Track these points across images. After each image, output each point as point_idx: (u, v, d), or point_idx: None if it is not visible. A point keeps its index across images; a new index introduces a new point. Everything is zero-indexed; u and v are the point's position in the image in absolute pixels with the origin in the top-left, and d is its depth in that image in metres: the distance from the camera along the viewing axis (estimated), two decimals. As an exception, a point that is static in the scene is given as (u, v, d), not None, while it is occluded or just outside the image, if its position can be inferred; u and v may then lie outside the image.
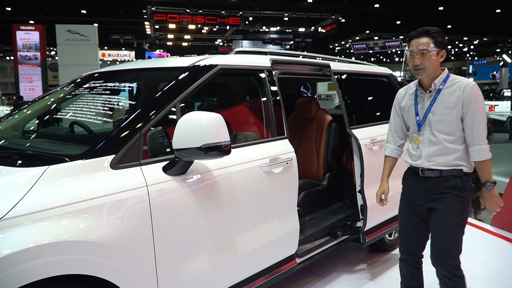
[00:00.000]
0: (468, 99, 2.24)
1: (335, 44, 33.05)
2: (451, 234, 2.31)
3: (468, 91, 2.24)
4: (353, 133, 3.17)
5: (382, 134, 3.32)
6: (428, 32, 2.29)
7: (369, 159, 3.18)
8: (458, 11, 27.78)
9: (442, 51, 2.30)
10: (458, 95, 2.26)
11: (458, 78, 2.34)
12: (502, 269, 3.58)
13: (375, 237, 3.36)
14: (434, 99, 2.33)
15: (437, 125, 2.31)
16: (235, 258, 2.31)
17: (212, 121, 1.91)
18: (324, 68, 3.23)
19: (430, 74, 2.31)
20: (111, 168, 1.82)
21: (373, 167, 3.21)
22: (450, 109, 2.27)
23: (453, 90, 2.28)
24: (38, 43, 11.80)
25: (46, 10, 25.74)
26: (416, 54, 2.27)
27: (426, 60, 2.26)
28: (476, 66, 34.30)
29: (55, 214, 1.59)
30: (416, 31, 2.33)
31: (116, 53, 31.55)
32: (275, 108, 2.71)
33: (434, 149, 2.33)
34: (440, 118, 2.30)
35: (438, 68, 2.32)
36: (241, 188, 2.33)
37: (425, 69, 2.28)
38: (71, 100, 2.75)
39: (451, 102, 2.28)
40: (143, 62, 3.04)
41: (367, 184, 3.17)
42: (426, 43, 2.26)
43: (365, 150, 3.15)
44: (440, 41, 2.29)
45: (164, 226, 1.92)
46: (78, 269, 1.62)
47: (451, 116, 2.27)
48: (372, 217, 3.27)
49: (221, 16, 21.06)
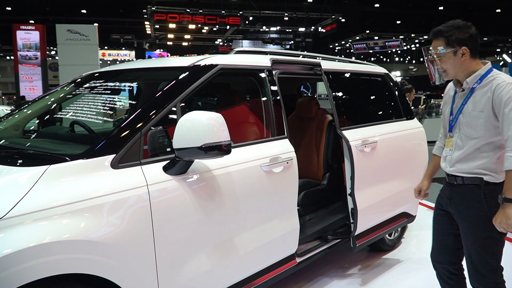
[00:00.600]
0: (499, 99, 1.98)
1: (335, 44, 33.04)
2: (477, 253, 2.11)
3: (499, 91, 1.99)
4: (344, 134, 3.07)
5: (374, 135, 3.29)
6: (439, 32, 2.10)
7: (360, 161, 3.07)
8: (459, 11, 27.73)
9: (461, 48, 2.06)
10: (489, 96, 2.02)
11: (496, 75, 2.06)
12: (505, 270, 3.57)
13: (366, 241, 3.23)
14: (466, 98, 2.12)
15: (464, 128, 2.12)
16: (235, 258, 2.31)
17: (212, 120, 1.91)
18: (315, 67, 3.17)
19: (456, 75, 2.13)
20: (112, 167, 1.83)
21: (364, 170, 3.13)
22: (479, 111, 2.05)
23: (486, 90, 2.04)
24: (38, 43, 11.80)
25: (46, 10, 25.74)
26: (434, 59, 2.12)
27: (444, 63, 2.09)
28: (476, 66, 34.23)
29: (56, 214, 1.59)
30: (432, 31, 2.15)
31: (116, 53, 31.55)
32: (275, 108, 2.71)
33: (458, 154, 2.15)
34: (467, 120, 2.10)
35: (467, 66, 2.09)
36: (241, 187, 2.33)
37: (447, 71, 2.11)
38: (71, 100, 2.76)
39: (481, 104, 2.05)
40: (143, 62, 3.05)
41: (358, 187, 3.07)
42: (439, 45, 2.10)
43: (356, 152, 3.05)
44: (456, 38, 2.05)
45: (165, 225, 1.93)
46: (79, 268, 1.63)
47: (479, 119, 2.05)
48: (364, 220, 3.15)
49: (221, 15, 21.06)
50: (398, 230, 3.95)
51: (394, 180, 3.49)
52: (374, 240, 3.36)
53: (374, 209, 3.26)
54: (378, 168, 3.30)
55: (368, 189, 3.17)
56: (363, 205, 3.10)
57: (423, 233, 4.20)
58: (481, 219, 2.07)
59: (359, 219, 3.06)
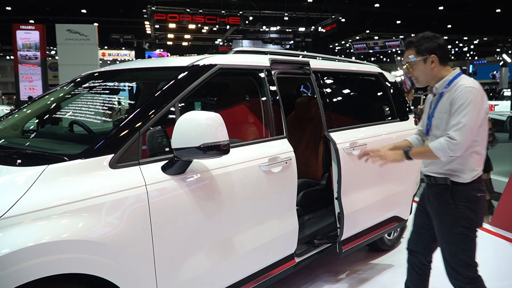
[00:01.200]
0: (454, 100, 2.13)
1: (335, 44, 33.05)
2: (448, 249, 2.25)
3: (457, 92, 2.13)
4: (331, 136, 2.97)
5: (364, 138, 3.20)
6: (411, 43, 2.29)
7: (347, 164, 2.97)
8: (458, 10, 27.77)
9: (430, 56, 2.22)
10: (451, 98, 2.16)
11: (460, 79, 2.20)
12: (501, 269, 3.59)
13: (353, 247, 3.11)
14: (437, 103, 2.27)
15: (434, 130, 2.28)
16: (234, 257, 2.31)
17: (211, 120, 1.91)
18: (304, 66, 3.07)
19: (428, 82, 2.29)
20: (110, 167, 1.83)
21: (352, 174, 3.04)
22: (443, 113, 2.20)
23: (450, 93, 2.19)
24: (38, 43, 11.80)
25: (46, 10, 25.75)
26: (406, 67, 2.31)
27: (415, 70, 2.27)
28: (476, 65, 34.28)
29: (54, 213, 1.59)
30: (404, 43, 2.39)
31: (116, 53, 31.57)
32: (274, 108, 2.71)
33: None
34: (436, 122, 2.26)
35: (437, 73, 2.24)
36: (240, 187, 2.33)
37: (418, 78, 2.29)
38: (70, 99, 2.76)
39: (446, 106, 2.19)
40: (142, 62, 3.05)
41: (346, 191, 2.98)
42: (409, 55, 2.28)
43: (343, 155, 2.95)
44: (425, 47, 2.22)
45: (163, 225, 1.93)
46: (77, 268, 1.63)
47: (443, 120, 2.20)
48: (351, 226, 3.06)
49: (221, 15, 21.07)
50: (398, 230, 3.95)
51: (384, 183, 3.41)
52: (362, 245, 3.26)
53: (363, 213, 3.17)
54: (368, 171, 3.15)
55: (356, 193, 3.09)
56: (350, 209, 3.02)
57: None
58: (450, 217, 2.21)
59: (345, 224, 2.97)
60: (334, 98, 3.29)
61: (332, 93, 3.27)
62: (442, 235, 2.27)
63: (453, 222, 2.20)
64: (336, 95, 3.38)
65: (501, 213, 4.59)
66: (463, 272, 2.20)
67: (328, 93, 3.17)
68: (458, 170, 2.19)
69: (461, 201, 2.18)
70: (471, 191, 2.19)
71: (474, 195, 2.20)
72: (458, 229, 2.19)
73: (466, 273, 2.20)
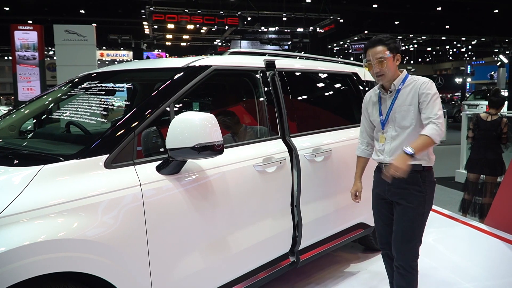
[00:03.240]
0: (422, 92, 2.40)
1: (333, 44, 33.08)
2: (411, 226, 2.45)
3: (424, 87, 2.41)
4: (292, 142, 2.78)
5: (329, 143, 3.04)
6: (381, 40, 2.47)
7: (309, 171, 2.83)
8: (456, 11, 27.80)
9: (396, 55, 2.49)
10: (414, 91, 2.43)
11: (415, 78, 2.50)
12: (496, 268, 3.62)
13: (312, 256, 2.96)
14: (394, 98, 2.50)
15: (399, 122, 2.48)
16: (229, 256, 2.33)
17: (205, 121, 1.94)
18: (269, 66, 2.87)
19: (391, 78, 2.48)
20: (105, 167, 1.85)
21: (314, 181, 2.90)
22: (408, 105, 2.44)
23: (410, 88, 2.45)
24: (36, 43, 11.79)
25: (44, 10, 25.72)
26: (374, 63, 2.44)
27: (385, 66, 2.43)
28: (474, 66, 34.29)
29: (49, 213, 1.62)
30: (370, 41, 2.52)
31: (114, 53, 31.59)
32: (269, 108, 2.74)
33: (395, 144, 2.48)
34: (401, 114, 2.46)
35: (396, 71, 2.50)
36: (235, 187, 2.35)
37: (385, 74, 2.45)
38: (67, 100, 2.78)
39: (409, 99, 2.44)
40: (138, 63, 3.07)
41: (306, 200, 2.83)
42: (382, 51, 2.44)
43: (305, 162, 2.79)
44: (394, 46, 2.47)
45: (158, 224, 1.95)
46: (73, 266, 1.65)
47: (410, 112, 2.43)
48: (310, 234, 2.92)
49: (220, 16, 21.07)
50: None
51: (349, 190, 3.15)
52: (322, 254, 3.09)
53: (324, 221, 3.04)
54: (332, 178, 3.07)
55: (318, 202, 2.95)
56: (310, 218, 2.87)
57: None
58: (419, 199, 2.43)
59: (304, 233, 2.83)
60: (300, 100, 3.13)
61: (298, 95, 3.13)
62: (408, 215, 2.45)
63: (420, 204, 2.44)
64: (302, 96, 3.24)
65: (495, 213, 4.62)
66: (415, 251, 2.49)
67: (293, 94, 2.98)
68: (425, 154, 2.42)
69: (427, 185, 2.45)
70: (432, 175, 2.50)
71: (433, 179, 2.51)
72: (422, 210, 2.45)
73: (416, 251, 2.49)
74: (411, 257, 2.48)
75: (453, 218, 5.02)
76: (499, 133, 4.93)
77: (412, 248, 2.48)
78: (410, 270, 2.49)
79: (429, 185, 2.46)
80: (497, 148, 4.98)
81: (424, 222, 2.50)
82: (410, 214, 2.44)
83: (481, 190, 5.11)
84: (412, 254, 2.49)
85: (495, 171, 4.98)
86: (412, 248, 2.48)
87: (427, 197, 2.45)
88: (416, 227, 2.46)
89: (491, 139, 4.98)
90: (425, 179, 2.44)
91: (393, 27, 31.28)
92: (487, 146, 5.00)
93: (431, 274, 3.42)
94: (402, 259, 2.49)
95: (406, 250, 2.48)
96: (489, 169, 5.00)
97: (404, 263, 2.48)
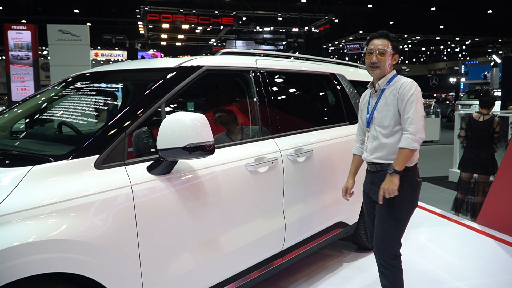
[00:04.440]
0: (402, 94, 2.43)
1: (328, 44, 33.14)
2: (389, 225, 2.50)
3: (403, 88, 2.44)
4: (276, 142, 2.77)
5: (310, 143, 3.01)
6: (387, 35, 2.53)
7: (291, 172, 2.80)
8: (451, 11, 27.96)
9: (396, 55, 2.55)
10: (395, 92, 2.47)
11: (401, 79, 2.52)
12: (487, 266, 3.64)
13: (294, 256, 2.95)
14: (379, 98, 2.56)
15: (379, 121, 2.54)
16: (220, 256, 2.34)
17: (196, 121, 1.94)
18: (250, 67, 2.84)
19: (383, 73, 2.52)
20: (96, 168, 1.85)
21: (296, 182, 2.87)
22: (389, 105, 2.49)
23: (393, 89, 2.49)
24: (30, 43, 11.73)
25: (38, 10, 25.60)
26: (375, 53, 2.49)
27: (383, 59, 2.48)
28: (468, 66, 34.52)
29: (39, 213, 1.61)
30: (377, 32, 2.55)
31: (109, 53, 31.48)
32: (260, 108, 2.75)
33: (376, 144, 2.55)
34: (381, 115, 2.52)
35: (389, 70, 2.54)
36: (226, 187, 2.36)
37: (380, 67, 2.50)
38: (58, 100, 2.78)
39: (389, 100, 2.49)
40: (130, 63, 3.07)
41: (289, 201, 2.81)
42: (386, 44, 2.50)
43: (287, 163, 2.78)
44: (396, 45, 2.54)
45: (149, 225, 1.95)
46: (63, 267, 1.64)
47: (389, 112, 2.48)
48: (293, 235, 2.90)
49: (215, 16, 21.06)
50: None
51: (331, 190, 3.24)
52: (304, 255, 3.08)
53: (306, 222, 3.01)
54: (313, 179, 3.05)
55: (300, 203, 2.94)
56: (293, 219, 2.85)
57: (408, 231, 4.25)
58: (397, 199, 2.43)
59: (287, 234, 2.82)
60: (281, 100, 3.09)
61: (279, 95, 3.09)
62: (387, 214, 2.48)
63: (399, 204, 2.46)
64: (283, 96, 3.20)
65: (487, 212, 4.66)
66: (393, 249, 2.52)
67: (274, 95, 2.93)
68: None
69: (406, 184, 2.45)
70: (413, 175, 2.50)
71: (416, 179, 2.51)
72: (399, 210, 2.47)
73: (395, 250, 2.52)
74: (388, 256, 2.51)
75: (445, 217, 5.05)
76: (491, 133, 4.96)
77: (390, 247, 2.51)
78: (390, 268, 2.51)
79: (408, 185, 2.46)
80: (490, 148, 5.01)
81: (402, 222, 2.50)
82: (387, 214, 2.47)
83: (474, 189, 5.14)
84: (389, 252, 2.51)
85: (488, 170, 5.01)
86: (389, 246, 2.51)
87: (404, 197, 2.44)
88: (393, 226, 2.49)
89: (483, 139, 5.01)
90: (405, 179, 2.43)
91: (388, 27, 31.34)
92: (480, 146, 5.04)
93: (423, 273, 3.44)
94: (380, 257, 2.54)
95: (383, 249, 2.52)
96: (481, 169, 5.03)
97: (383, 261, 2.53)
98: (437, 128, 13.11)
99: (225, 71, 2.74)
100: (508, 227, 4.35)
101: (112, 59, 31.11)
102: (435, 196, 6.20)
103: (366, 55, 2.54)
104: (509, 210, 4.40)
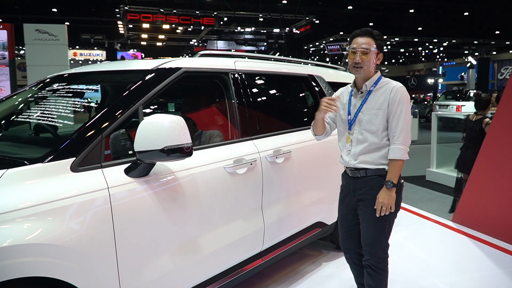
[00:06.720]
0: (393, 100, 2.37)
1: (309, 45, 33.37)
2: (375, 230, 2.45)
3: (394, 93, 2.37)
4: (254, 144, 2.79)
5: (288, 145, 3.01)
6: (371, 33, 2.40)
7: (270, 173, 2.80)
8: (429, 13, 28.51)
9: (380, 53, 2.44)
10: (385, 96, 2.39)
11: (388, 81, 2.46)
12: (462, 264, 3.73)
13: (273, 257, 2.96)
14: (364, 99, 2.45)
15: (365, 125, 2.43)
16: (199, 258, 2.34)
17: (173, 123, 1.94)
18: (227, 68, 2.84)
19: (367, 73, 2.41)
20: (72, 171, 1.83)
21: (275, 183, 2.88)
22: (377, 109, 2.40)
23: (382, 92, 2.41)
24: (6, 42, 11.47)
25: (15, 8, 25.04)
26: (358, 52, 2.37)
27: (367, 59, 2.37)
28: (446, 67, 35.22)
29: (14, 217, 1.59)
30: (360, 30, 2.43)
31: (88, 53, 31.04)
32: (239, 110, 2.76)
33: (361, 148, 2.44)
34: (368, 118, 2.42)
35: (373, 69, 2.44)
36: (205, 189, 2.36)
37: (363, 67, 2.38)
38: (35, 102, 2.73)
39: (378, 103, 2.40)
40: (109, 64, 3.04)
41: (268, 202, 2.82)
42: (369, 43, 2.38)
43: (266, 164, 2.77)
44: (380, 44, 2.42)
45: (126, 227, 1.94)
46: (39, 271, 1.63)
47: (378, 116, 2.39)
48: (271, 236, 2.90)
49: (196, 16, 20.99)
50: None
51: (309, 190, 3.28)
52: (283, 255, 3.10)
53: (284, 222, 3.02)
54: (292, 179, 3.07)
55: (279, 203, 2.95)
56: (272, 220, 2.86)
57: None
58: None
59: (266, 235, 2.83)
60: (259, 102, 3.10)
61: (258, 97, 3.09)
62: (374, 221, 2.43)
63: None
64: (261, 98, 3.21)
65: (462, 210, 4.77)
66: (380, 253, 2.47)
67: (252, 96, 2.94)
68: (387, 159, 2.42)
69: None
70: (399, 179, 2.43)
71: (400, 182, 2.44)
72: (388, 216, 2.42)
73: (382, 253, 2.48)
74: (379, 257, 2.48)
75: (422, 216, 5.15)
76: (478, 132, 5.00)
77: (380, 250, 2.47)
78: (378, 271, 2.48)
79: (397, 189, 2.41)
80: (476, 147, 4.89)
81: (390, 224, 2.49)
82: (374, 219, 2.42)
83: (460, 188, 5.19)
84: (380, 255, 2.48)
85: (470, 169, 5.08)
86: (380, 250, 2.47)
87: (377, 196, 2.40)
88: (381, 229, 2.45)
89: (472, 138, 5.06)
90: None
91: (367, 28, 31.73)
92: (468, 145, 5.12)
93: (400, 271, 3.51)
94: (370, 261, 2.49)
95: (375, 252, 2.47)
96: (464, 167, 5.10)
97: (373, 264, 2.48)
98: (415, 128, 13.37)
99: (204, 73, 2.74)
100: (483, 225, 4.46)
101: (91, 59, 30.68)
102: (412, 195, 6.31)
103: (349, 54, 2.41)
104: (483, 208, 4.51)
